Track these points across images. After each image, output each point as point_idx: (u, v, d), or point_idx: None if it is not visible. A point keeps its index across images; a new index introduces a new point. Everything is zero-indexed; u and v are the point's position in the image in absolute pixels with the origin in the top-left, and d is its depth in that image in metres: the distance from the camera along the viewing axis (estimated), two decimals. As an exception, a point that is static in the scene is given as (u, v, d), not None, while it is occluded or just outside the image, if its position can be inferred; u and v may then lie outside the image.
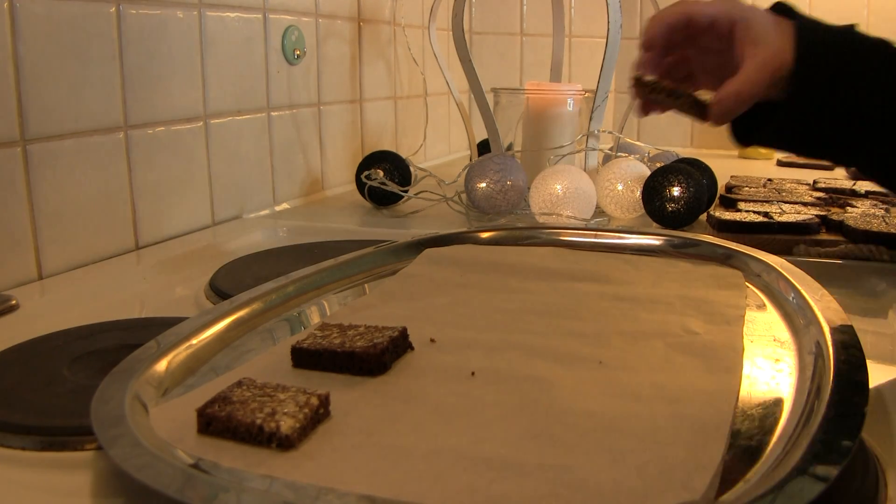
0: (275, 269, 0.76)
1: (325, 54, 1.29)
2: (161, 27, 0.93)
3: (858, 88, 0.66)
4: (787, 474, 0.36)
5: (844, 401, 0.43)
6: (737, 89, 0.66)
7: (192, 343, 0.56)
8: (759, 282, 0.70)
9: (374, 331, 0.54)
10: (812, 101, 0.67)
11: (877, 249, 0.85)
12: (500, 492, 0.37)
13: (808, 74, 0.66)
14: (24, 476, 0.44)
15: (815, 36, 0.68)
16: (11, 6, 0.75)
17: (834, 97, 0.66)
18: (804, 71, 0.66)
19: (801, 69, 0.66)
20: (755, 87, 0.66)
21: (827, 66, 0.66)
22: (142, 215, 0.92)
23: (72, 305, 0.73)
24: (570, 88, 1.23)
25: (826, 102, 0.67)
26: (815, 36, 0.68)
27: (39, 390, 0.53)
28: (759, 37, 0.66)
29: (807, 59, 0.66)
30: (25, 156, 0.77)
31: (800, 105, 0.67)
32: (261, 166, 1.15)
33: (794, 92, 0.66)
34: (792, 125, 0.69)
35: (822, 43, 0.67)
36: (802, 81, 0.66)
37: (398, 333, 0.54)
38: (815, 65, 0.66)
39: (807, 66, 0.66)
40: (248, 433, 0.42)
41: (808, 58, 0.66)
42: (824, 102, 0.67)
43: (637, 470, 0.39)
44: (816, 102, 0.67)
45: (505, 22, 1.90)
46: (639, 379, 0.50)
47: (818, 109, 0.67)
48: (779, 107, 0.68)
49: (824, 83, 0.66)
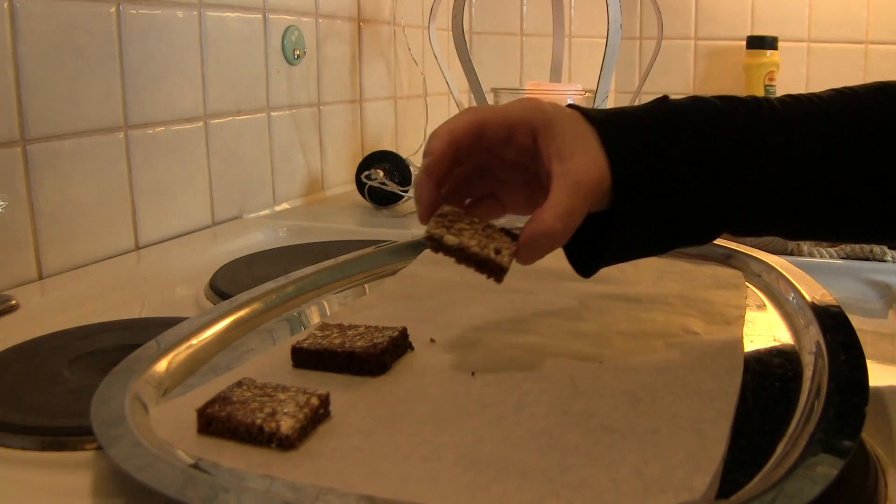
0: (275, 269, 0.76)
1: (325, 54, 1.29)
2: (161, 27, 0.93)
3: (701, 158, 0.52)
4: (786, 474, 0.36)
5: (844, 401, 0.43)
6: (549, 227, 0.49)
7: (192, 343, 0.56)
8: (759, 282, 0.70)
9: (374, 331, 0.54)
10: (652, 199, 0.52)
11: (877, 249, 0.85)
12: (500, 492, 0.37)
13: (631, 178, 0.51)
14: (24, 476, 0.44)
15: (621, 130, 0.53)
16: (11, 6, 0.75)
17: (678, 181, 0.52)
18: (626, 175, 0.51)
19: (621, 174, 0.51)
20: (571, 219, 0.50)
21: (652, 157, 0.52)
22: (142, 215, 0.92)
23: (72, 305, 0.73)
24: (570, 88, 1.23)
25: (671, 190, 0.52)
26: (620, 131, 0.53)
27: (39, 390, 0.53)
28: (564, 149, 0.51)
29: (624, 162, 0.52)
30: (25, 156, 0.77)
31: (638, 211, 0.52)
32: (261, 166, 1.15)
33: (623, 202, 0.52)
34: (639, 234, 0.53)
35: (632, 132, 0.53)
36: (627, 188, 0.52)
37: (398, 333, 0.54)
38: (636, 162, 0.52)
39: (626, 169, 0.51)
40: (249, 433, 0.42)
41: (624, 159, 0.52)
42: (669, 191, 0.52)
43: (637, 470, 0.39)
44: (659, 196, 0.52)
45: (505, 22, 1.90)
46: (639, 379, 0.50)
47: (664, 204, 0.52)
48: (612, 221, 0.52)
49: (660, 172, 0.52)
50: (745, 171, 0.52)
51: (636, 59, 1.90)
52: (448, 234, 0.50)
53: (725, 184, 0.52)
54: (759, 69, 1.69)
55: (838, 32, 1.72)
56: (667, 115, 0.53)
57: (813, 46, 1.75)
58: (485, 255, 0.49)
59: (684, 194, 0.52)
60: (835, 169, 0.52)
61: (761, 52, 1.69)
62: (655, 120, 0.53)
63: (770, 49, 1.69)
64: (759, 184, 0.52)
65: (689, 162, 0.52)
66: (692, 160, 0.52)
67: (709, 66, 1.85)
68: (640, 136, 0.53)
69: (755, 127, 0.53)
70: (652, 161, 0.52)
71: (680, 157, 0.52)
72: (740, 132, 0.53)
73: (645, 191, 0.52)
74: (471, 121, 0.51)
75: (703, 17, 1.82)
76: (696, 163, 0.52)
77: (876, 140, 0.52)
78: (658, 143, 0.52)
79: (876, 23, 1.70)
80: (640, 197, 0.52)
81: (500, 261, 0.49)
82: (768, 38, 1.70)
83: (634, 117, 0.54)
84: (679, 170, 0.52)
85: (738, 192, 0.52)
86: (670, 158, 0.52)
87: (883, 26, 1.70)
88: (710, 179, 0.52)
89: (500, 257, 0.49)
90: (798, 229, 0.56)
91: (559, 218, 0.49)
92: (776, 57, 1.70)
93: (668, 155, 0.52)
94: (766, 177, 0.52)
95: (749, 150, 0.52)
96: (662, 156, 0.52)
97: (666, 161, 0.52)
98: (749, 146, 0.53)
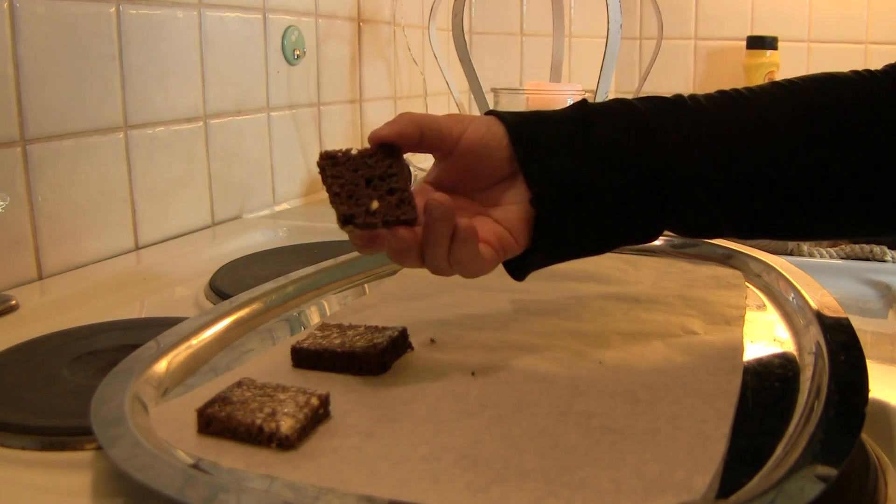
0: (275, 269, 0.76)
1: (324, 54, 1.29)
2: (161, 27, 0.93)
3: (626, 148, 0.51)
4: (786, 474, 0.36)
5: (844, 401, 0.43)
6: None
7: (192, 343, 0.56)
8: (759, 282, 0.70)
9: (374, 331, 0.54)
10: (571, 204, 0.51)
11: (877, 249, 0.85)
12: (500, 492, 0.37)
13: (544, 183, 0.50)
14: (24, 476, 0.44)
15: (533, 132, 0.51)
16: (11, 6, 0.75)
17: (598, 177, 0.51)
18: (538, 181, 0.50)
19: (534, 180, 0.50)
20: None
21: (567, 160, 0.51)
22: (142, 215, 0.92)
23: (72, 305, 0.73)
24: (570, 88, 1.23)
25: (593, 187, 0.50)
26: (532, 133, 0.51)
27: (39, 390, 0.53)
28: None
29: (536, 169, 0.50)
30: (25, 156, 0.77)
31: (556, 216, 0.51)
32: (261, 166, 1.15)
33: (539, 206, 0.50)
34: (562, 239, 0.52)
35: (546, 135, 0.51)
36: (542, 194, 0.50)
37: (398, 333, 0.54)
38: (547, 166, 0.50)
39: (538, 174, 0.50)
40: (248, 433, 0.42)
41: (537, 164, 0.50)
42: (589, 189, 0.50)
43: (637, 470, 0.39)
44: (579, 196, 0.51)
45: (505, 22, 1.89)
46: (639, 379, 0.50)
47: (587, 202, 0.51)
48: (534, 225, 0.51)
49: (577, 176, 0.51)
50: (671, 168, 0.51)
51: (636, 59, 1.90)
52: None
53: (652, 183, 0.51)
54: (759, 69, 1.69)
55: (838, 32, 1.72)
56: (584, 117, 0.52)
57: (813, 46, 1.75)
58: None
59: (607, 198, 0.51)
60: (766, 161, 0.51)
61: (761, 52, 1.69)
62: (573, 122, 0.52)
63: (770, 49, 1.69)
64: (689, 181, 0.51)
65: (609, 164, 0.51)
66: (612, 162, 0.51)
67: (709, 66, 1.85)
68: (555, 138, 0.51)
69: (678, 123, 0.52)
70: (568, 165, 0.50)
71: (598, 159, 0.51)
72: (663, 129, 0.52)
73: (561, 196, 0.50)
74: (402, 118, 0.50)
75: (703, 17, 1.82)
76: (616, 164, 0.51)
77: (809, 129, 0.51)
78: (574, 146, 0.51)
79: (876, 23, 1.71)
80: (555, 202, 0.50)
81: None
82: (768, 38, 1.70)
83: (550, 119, 0.52)
84: (598, 173, 0.51)
85: (666, 192, 0.51)
86: (587, 161, 0.51)
87: (883, 26, 1.70)
88: (635, 180, 0.51)
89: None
90: (741, 227, 0.54)
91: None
92: (776, 57, 1.70)
93: (584, 157, 0.51)
94: (695, 172, 0.51)
95: (673, 146, 0.51)
96: (578, 158, 0.51)
97: (583, 164, 0.51)
98: (673, 143, 0.51)
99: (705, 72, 1.85)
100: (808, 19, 1.75)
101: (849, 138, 0.51)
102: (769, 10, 1.77)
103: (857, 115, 0.52)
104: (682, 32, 1.83)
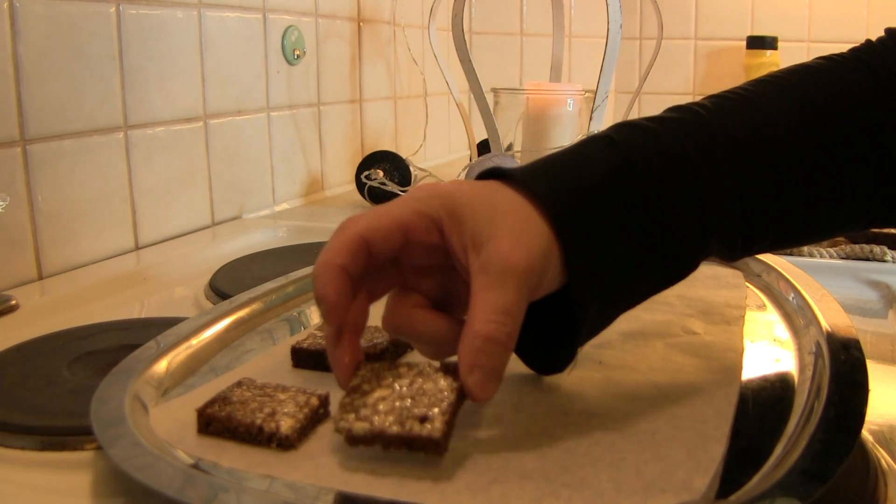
0: (275, 269, 0.76)
1: (324, 54, 1.29)
2: (161, 27, 0.93)
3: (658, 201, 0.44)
4: (786, 474, 0.36)
5: (844, 401, 0.43)
6: (486, 336, 0.38)
7: (192, 343, 0.56)
8: (759, 282, 0.70)
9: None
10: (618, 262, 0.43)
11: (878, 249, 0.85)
12: (500, 492, 0.37)
13: (587, 243, 0.42)
14: (24, 476, 0.44)
15: (561, 186, 0.43)
16: (11, 6, 0.75)
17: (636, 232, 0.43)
18: (580, 242, 0.41)
19: (572, 238, 0.41)
20: (509, 318, 0.39)
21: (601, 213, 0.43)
22: (142, 215, 0.92)
23: (72, 305, 0.73)
24: (570, 88, 1.23)
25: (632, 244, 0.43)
26: (560, 187, 0.43)
27: (39, 390, 0.53)
28: (480, 234, 0.40)
29: (574, 227, 0.41)
30: (25, 156, 0.77)
31: (603, 281, 0.43)
32: (261, 166, 1.15)
33: (582, 275, 0.42)
34: (610, 306, 0.45)
35: (576, 192, 0.42)
36: (585, 256, 0.42)
37: (398, 333, 0.54)
38: (585, 221, 0.42)
39: (579, 235, 0.41)
40: (248, 433, 0.42)
41: (573, 219, 0.42)
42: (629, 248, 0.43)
43: (637, 470, 0.39)
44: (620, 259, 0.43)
45: (505, 22, 1.90)
46: (639, 379, 0.50)
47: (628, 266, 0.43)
48: (573, 299, 0.42)
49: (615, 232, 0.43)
50: (705, 200, 0.45)
51: (636, 59, 1.90)
52: (357, 419, 0.39)
53: (691, 220, 0.45)
54: (759, 69, 1.69)
55: (838, 32, 1.72)
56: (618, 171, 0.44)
57: (813, 46, 1.75)
58: (407, 432, 0.37)
59: (650, 245, 0.44)
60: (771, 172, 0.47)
61: (761, 52, 1.69)
62: (603, 163, 0.44)
63: (770, 49, 1.69)
64: (726, 209, 0.46)
65: (642, 219, 0.44)
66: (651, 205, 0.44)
67: (709, 66, 1.85)
68: (587, 187, 0.43)
69: (703, 149, 0.46)
70: (605, 214, 0.43)
71: (633, 206, 0.44)
72: (687, 174, 0.45)
73: (606, 255, 0.42)
74: (350, 239, 0.41)
75: (703, 17, 1.82)
76: (649, 218, 0.44)
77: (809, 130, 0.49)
78: (606, 192, 0.43)
79: (876, 23, 1.70)
80: (602, 262, 0.42)
81: (428, 433, 0.37)
82: (768, 38, 1.70)
83: (573, 165, 0.44)
84: (636, 221, 0.43)
85: (707, 225, 0.46)
86: (623, 209, 0.43)
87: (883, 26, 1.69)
88: (667, 228, 0.44)
89: (428, 427, 0.37)
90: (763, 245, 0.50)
91: (494, 322, 0.38)
92: (776, 57, 1.70)
93: (620, 204, 0.43)
94: (730, 199, 0.46)
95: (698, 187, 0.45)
96: (613, 206, 0.43)
97: (619, 212, 0.43)
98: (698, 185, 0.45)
99: (705, 72, 1.85)
100: (808, 19, 1.75)
101: (849, 133, 0.50)
102: (769, 10, 1.77)
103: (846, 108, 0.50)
104: (682, 32, 1.83)
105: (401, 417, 0.38)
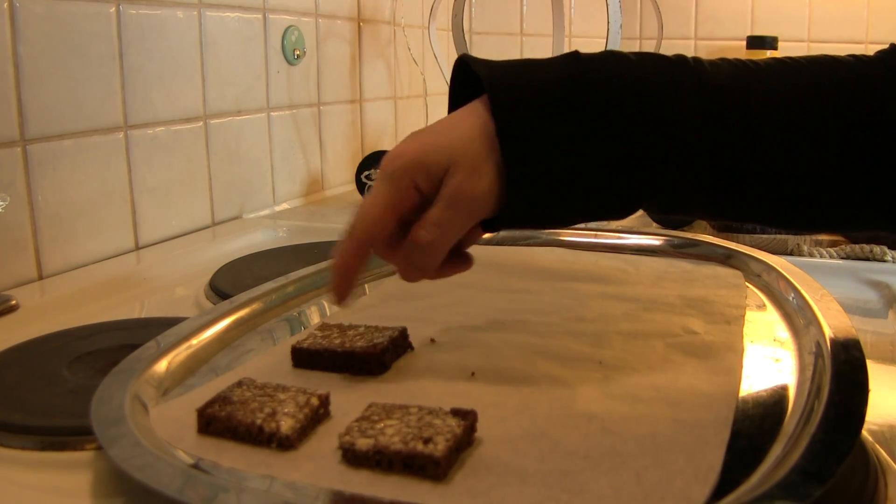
0: (275, 269, 0.76)
1: (325, 54, 1.29)
2: (161, 27, 0.93)
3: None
4: (786, 474, 0.36)
5: (844, 401, 0.43)
6: (418, 238, 0.47)
7: (192, 343, 0.56)
8: (759, 282, 0.70)
9: (374, 331, 0.54)
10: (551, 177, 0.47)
11: (878, 249, 0.85)
12: (500, 496, 0.37)
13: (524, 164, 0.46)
14: (24, 476, 0.44)
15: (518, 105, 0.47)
16: (11, 6, 0.75)
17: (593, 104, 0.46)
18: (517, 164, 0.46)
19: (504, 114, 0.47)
20: (440, 229, 0.47)
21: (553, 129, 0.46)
22: (142, 215, 0.92)
23: (72, 305, 0.73)
24: (570, 88, 1.22)
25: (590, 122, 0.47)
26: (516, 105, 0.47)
27: (39, 390, 0.53)
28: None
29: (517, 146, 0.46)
30: (25, 156, 0.77)
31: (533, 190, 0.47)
32: (261, 166, 1.15)
33: (516, 150, 0.46)
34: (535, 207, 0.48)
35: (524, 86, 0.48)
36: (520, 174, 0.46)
37: (398, 333, 0.54)
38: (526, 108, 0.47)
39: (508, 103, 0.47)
40: (248, 433, 0.42)
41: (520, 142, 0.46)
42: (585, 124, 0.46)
43: (636, 475, 0.38)
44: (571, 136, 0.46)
45: (505, 22, 1.89)
46: (639, 379, 0.50)
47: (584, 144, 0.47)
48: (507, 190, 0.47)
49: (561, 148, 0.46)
50: (659, 143, 0.47)
51: (636, 59, 1.90)
52: (362, 436, 0.40)
53: (635, 158, 0.47)
54: (759, 69, 1.69)
55: (838, 32, 1.72)
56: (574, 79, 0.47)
57: (813, 46, 1.74)
58: (409, 449, 0.39)
59: (588, 171, 0.47)
60: (765, 143, 0.47)
61: (761, 52, 1.69)
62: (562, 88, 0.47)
63: (770, 49, 1.69)
64: (676, 157, 0.47)
65: (595, 135, 0.46)
66: (598, 132, 0.47)
67: (709, 66, 1.84)
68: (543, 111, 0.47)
69: (675, 94, 0.47)
70: (554, 136, 0.46)
71: (585, 127, 0.46)
72: (657, 100, 0.47)
73: (541, 172, 0.46)
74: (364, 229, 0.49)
75: (703, 17, 1.82)
76: (602, 136, 0.47)
77: (813, 122, 0.48)
78: (560, 115, 0.46)
79: (876, 23, 1.70)
80: (534, 180, 0.47)
81: (430, 452, 0.38)
82: (768, 38, 1.70)
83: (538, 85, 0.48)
84: (583, 143, 0.46)
85: (650, 168, 0.47)
86: (574, 131, 0.46)
87: (883, 26, 1.70)
88: (619, 154, 0.47)
89: (430, 447, 0.39)
90: (723, 208, 0.51)
91: (428, 229, 0.47)
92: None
93: (572, 126, 0.46)
94: (684, 149, 0.47)
95: (666, 120, 0.47)
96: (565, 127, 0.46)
97: (569, 135, 0.46)
98: (666, 116, 0.47)
99: (705, 72, 1.85)
100: (808, 19, 1.75)
101: (850, 131, 0.49)
102: (769, 10, 1.77)
103: (859, 102, 0.49)
104: (682, 32, 1.83)
105: (405, 438, 0.40)
